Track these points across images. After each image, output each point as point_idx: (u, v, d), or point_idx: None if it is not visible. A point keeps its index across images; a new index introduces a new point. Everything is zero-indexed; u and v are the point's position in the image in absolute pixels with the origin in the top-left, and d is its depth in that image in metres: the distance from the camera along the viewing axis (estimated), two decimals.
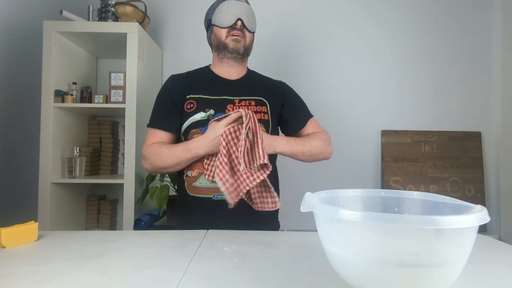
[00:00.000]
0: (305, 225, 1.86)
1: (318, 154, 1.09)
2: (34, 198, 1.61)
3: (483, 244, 0.78)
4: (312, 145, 1.08)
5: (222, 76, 1.14)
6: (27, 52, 1.73)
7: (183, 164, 1.04)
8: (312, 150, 1.08)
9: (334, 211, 0.45)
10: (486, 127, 2.07)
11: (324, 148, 1.11)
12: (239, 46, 1.09)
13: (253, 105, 1.09)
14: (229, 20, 1.07)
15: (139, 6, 1.77)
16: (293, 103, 1.18)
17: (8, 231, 0.72)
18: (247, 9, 1.10)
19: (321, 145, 1.10)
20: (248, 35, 1.11)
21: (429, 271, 0.42)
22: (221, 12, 1.08)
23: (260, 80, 1.20)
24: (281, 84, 1.23)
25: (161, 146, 1.05)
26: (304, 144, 1.07)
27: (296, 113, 1.18)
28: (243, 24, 1.08)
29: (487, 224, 2.01)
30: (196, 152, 0.99)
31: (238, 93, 1.10)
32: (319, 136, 1.12)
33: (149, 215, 1.70)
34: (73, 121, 1.81)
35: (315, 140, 1.10)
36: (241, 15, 1.07)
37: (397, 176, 2.00)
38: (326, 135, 1.16)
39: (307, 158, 1.09)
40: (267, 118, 1.09)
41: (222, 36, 1.09)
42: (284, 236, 0.84)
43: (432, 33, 2.09)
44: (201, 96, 1.09)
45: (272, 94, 1.15)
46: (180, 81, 1.13)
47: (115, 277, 0.56)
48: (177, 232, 0.87)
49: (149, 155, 1.06)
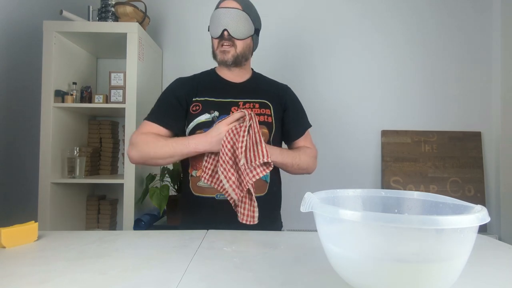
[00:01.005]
0: (305, 225, 1.86)
1: (304, 169, 1.12)
2: (34, 198, 1.61)
3: (483, 244, 0.78)
4: (301, 159, 1.10)
5: (227, 79, 1.16)
6: (27, 52, 1.73)
7: (176, 158, 1.02)
8: (300, 164, 1.10)
9: (334, 211, 0.45)
10: (486, 127, 2.07)
11: (311, 165, 1.15)
12: (227, 57, 1.08)
13: (257, 107, 1.10)
14: (217, 31, 1.07)
15: (139, 6, 1.77)
16: (293, 111, 1.19)
17: (8, 231, 0.72)
18: (235, 16, 1.06)
19: (309, 161, 1.13)
20: (239, 42, 1.09)
21: (429, 271, 0.42)
22: (212, 22, 1.09)
23: (264, 83, 1.20)
24: (285, 88, 1.23)
25: (157, 136, 1.03)
26: (294, 157, 1.09)
27: (294, 123, 1.18)
28: (229, 34, 1.06)
29: (487, 224, 2.01)
30: (194, 148, 0.98)
31: (243, 95, 1.12)
32: (308, 152, 1.15)
33: (149, 215, 1.70)
34: (73, 121, 1.81)
35: (305, 155, 1.12)
36: (227, 25, 1.05)
37: (397, 176, 2.00)
38: (314, 151, 1.19)
39: (294, 171, 1.11)
40: (270, 121, 1.10)
41: (214, 46, 1.12)
42: (284, 236, 0.84)
43: (432, 33, 2.09)
44: (207, 98, 1.10)
45: (276, 98, 1.16)
46: (187, 83, 1.14)
47: (115, 277, 0.56)
48: (177, 232, 0.87)
49: (141, 142, 1.02)
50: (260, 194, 1.06)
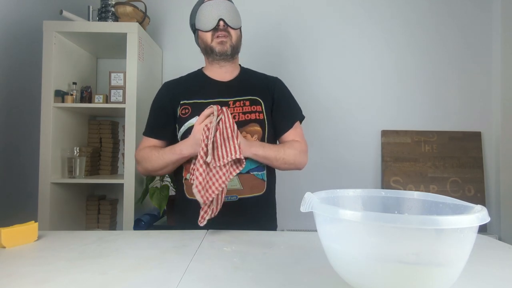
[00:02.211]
0: (305, 225, 1.86)
1: (291, 163, 1.06)
2: (34, 198, 1.61)
3: (483, 244, 0.78)
4: (286, 153, 1.05)
5: (215, 78, 1.14)
6: (27, 52, 1.73)
7: (170, 167, 1.04)
8: (286, 158, 1.05)
9: (334, 211, 0.45)
10: (486, 127, 2.07)
11: (298, 158, 1.08)
12: (226, 48, 1.07)
13: (247, 105, 1.08)
14: (211, 22, 1.05)
15: (139, 6, 1.77)
16: (281, 103, 1.14)
17: (8, 231, 0.72)
18: (228, 6, 1.07)
19: (295, 154, 1.07)
20: (234, 33, 1.09)
21: (429, 271, 0.42)
22: (202, 15, 1.07)
23: (254, 78, 1.17)
24: (274, 80, 1.19)
25: (151, 149, 1.07)
26: (278, 150, 1.04)
27: (282, 115, 1.13)
28: (226, 23, 1.05)
29: (487, 224, 2.01)
30: (180, 153, 0.99)
31: (232, 94, 1.09)
32: (295, 145, 1.09)
33: (149, 215, 1.70)
34: (73, 121, 1.81)
35: (291, 149, 1.07)
36: (222, 15, 1.05)
37: (397, 176, 2.00)
38: (303, 146, 1.12)
39: (280, 165, 1.06)
40: (262, 118, 1.08)
41: (207, 40, 1.08)
42: (284, 236, 0.84)
43: (432, 32, 2.09)
44: (196, 100, 1.08)
45: (266, 92, 1.13)
46: (171, 88, 1.14)
47: (115, 277, 0.56)
48: (177, 232, 0.87)
49: (140, 158, 1.08)
50: (259, 193, 1.06)
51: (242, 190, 1.03)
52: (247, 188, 1.03)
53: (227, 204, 0.96)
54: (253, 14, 2.00)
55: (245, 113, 1.07)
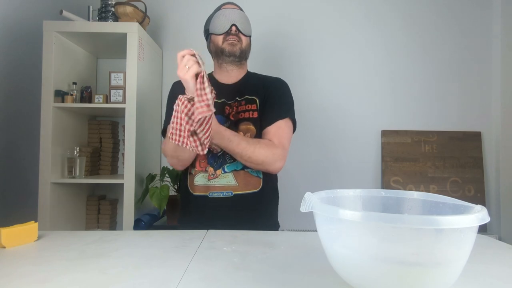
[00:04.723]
0: (305, 225, 1.86)
1: (259, 163, 1.01)
2: (34, 198, 1.61)
3: (483, 244, 0.78)
4: (255, 151, 0.99)
5: (222, 81, 1.17)
6: (27, 52, 1.73)
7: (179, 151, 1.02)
8: (253, 157, 0.99)
9: (334, 211, 0.45)
10: (486, 127, 2.06)
11: (267, 160, 1.01)
12: (235, 49, 1.12)
13: (243, 104, 1.12)
14: (224, 26, 1.11)
15: (139, 6, 1.77)
16: (270, 99, 1.13)
17: (8, 231, 0.72)
18: (241, 15, 1.14)
19: (266, 155, 1.00)
20: (244, 39, 1.14)
21: (429, 271, 0.42)
22: (216, 20, 1.13)
23: (255, 80, 1.20)
24: (274, 80, 1.20)
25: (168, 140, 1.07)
26: (247, 147, 0.99)
27: (267, 111, 1.11)
28: (238, 29, 1.11)
29: (487, 224, 2.01)
30: None
31: (234, 95, 1.13)
32: (270, 145, 1.02)
33: (149, 215, 1.70)
34: (73, 121, 1.81)
35: (263, 148, 1.00)
36: (235, 21, 1.11)
37: (397, 176, 2.00)
38: (279, 149, 1.04)
39: (247, 163, 1.02)
40: (256, 116, 1.10)
41: (219, 42, 1.13)
42: (284, 236, 0.84)
43: (432, 32, 2.09)
44: None
45: (262, 90, 1.15)
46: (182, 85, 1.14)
47: (115, 277, 0.56)
48: (177, 232, 0.87)
49: (163, 151, 1.11)
50: (254, 190, 1.07)
51: (237, 187, 1.06)
52: (242, 185, 1.06)
53: (222, 199, 1.02)
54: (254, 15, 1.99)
55: (239, 112, 1.10)
